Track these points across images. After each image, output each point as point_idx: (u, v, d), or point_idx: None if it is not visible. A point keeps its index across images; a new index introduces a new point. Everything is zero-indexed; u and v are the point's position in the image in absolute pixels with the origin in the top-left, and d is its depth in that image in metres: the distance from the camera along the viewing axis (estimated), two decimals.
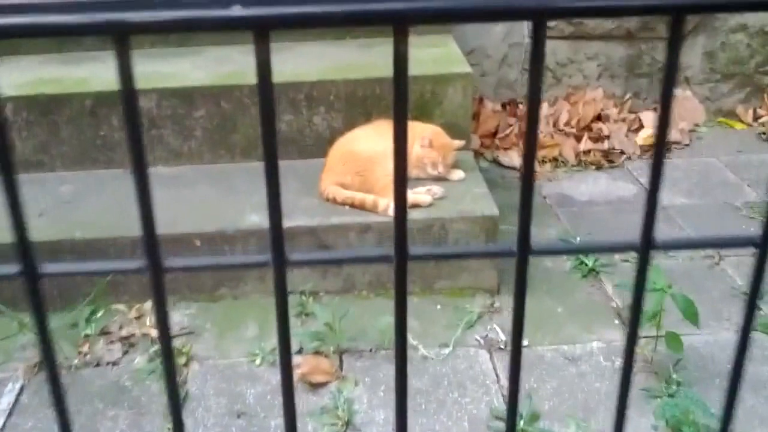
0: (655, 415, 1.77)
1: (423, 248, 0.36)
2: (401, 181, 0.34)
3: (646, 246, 0.38)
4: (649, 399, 1.83)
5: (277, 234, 0.35)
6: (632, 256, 2.13)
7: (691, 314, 1.80)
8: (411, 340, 1.98)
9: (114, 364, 1.94)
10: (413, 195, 2.17)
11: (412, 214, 2.12)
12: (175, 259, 0.38)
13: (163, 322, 0.38)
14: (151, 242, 0.36)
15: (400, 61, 0.30)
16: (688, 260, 2.36)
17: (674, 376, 1.87)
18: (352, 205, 2.20)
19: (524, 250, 0.33)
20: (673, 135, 3.13)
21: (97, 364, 1.94)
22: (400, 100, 0.31)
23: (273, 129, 0.34)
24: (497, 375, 1.91)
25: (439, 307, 2.14)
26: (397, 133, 0.32)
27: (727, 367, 2.01)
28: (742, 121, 3.26)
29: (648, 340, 1.97)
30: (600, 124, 3.13)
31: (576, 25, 3.12)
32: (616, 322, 2.10)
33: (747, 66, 3.22)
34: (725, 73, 3.24)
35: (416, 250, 0.34)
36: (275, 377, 1.90)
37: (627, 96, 3.25)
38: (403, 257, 0.33)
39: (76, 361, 1.94)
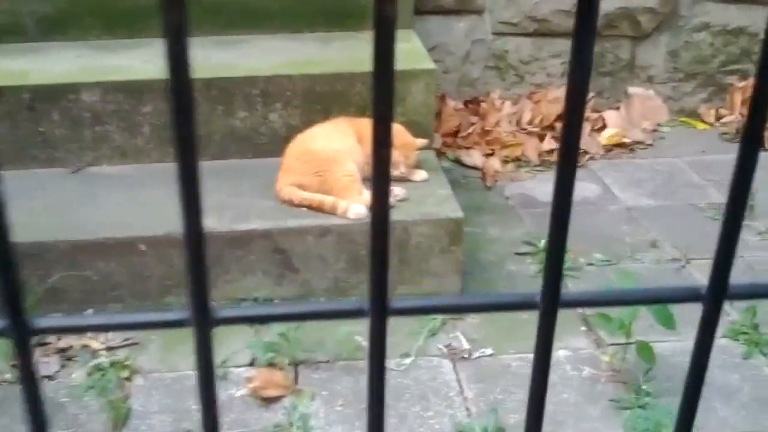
0: (624, 427, 1.70)
1: (408, 300, 0.25)
2: (382, 206, 0.23)
3: (718, 297, 0.28)
4: (619, 410, 1.76)
5: (198, 288, 0.24)
6: (597, 259, 2.02)
7: (666, 320, 1.73)
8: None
9: (50, 378, 1.80)
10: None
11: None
12: (48, 318, 0.27)
13: (32, 398, 0.27)
14: (10, 293, 0.25)
15: (385, 31, 0.20)
16: (655, 263, 2.31)
17: (644, 386, 1.80)
18: (310, 207, 2.09)
19: (552, 302, 0.24)
20: (636, 135, 3.08)
21: None
22: (384, 87, 0.21)
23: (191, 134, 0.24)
24: (461, 386, 1.82)
25: None
26: (377, 134, 0.22)
27: None
28: (703, 121, 3.23)
29: (616, 348, 1.90)
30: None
31: (540, 22, 3.05)
32: (583, 328, 2.03)
33: (710, 65, 3.19)
34: (688, 73, 3.20)
35: (398, 302, 0.24)
36: (225, 392, 1.78)
37: (590, 95, 3.19)
38: (383, 312, 0.23)
39: (8, 375, 1.79)
